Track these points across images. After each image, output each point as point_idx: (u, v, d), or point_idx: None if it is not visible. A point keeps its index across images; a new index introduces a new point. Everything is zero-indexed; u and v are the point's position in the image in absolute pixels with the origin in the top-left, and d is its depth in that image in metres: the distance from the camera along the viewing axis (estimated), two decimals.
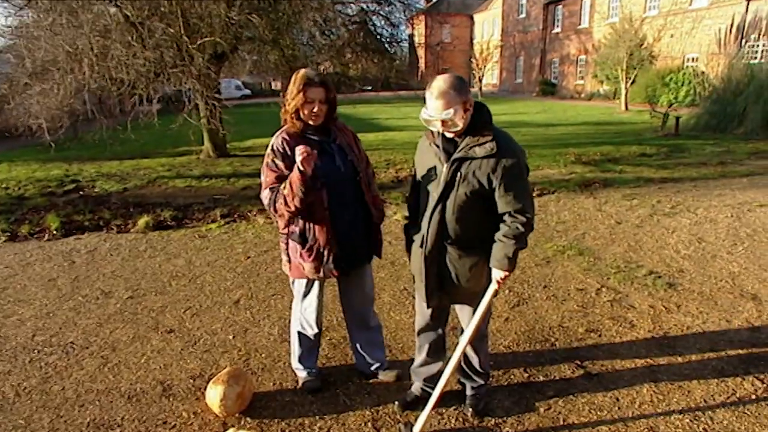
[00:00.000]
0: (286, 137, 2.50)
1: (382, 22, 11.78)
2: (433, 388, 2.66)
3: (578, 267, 4.63)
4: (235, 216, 6.63)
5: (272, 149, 2.51)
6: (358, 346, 3.00)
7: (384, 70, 13.02)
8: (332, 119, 2.60)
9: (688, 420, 2.58)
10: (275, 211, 2.49)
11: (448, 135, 2.29)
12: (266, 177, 2.52)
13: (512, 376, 2.99)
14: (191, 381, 3.05)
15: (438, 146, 2.30)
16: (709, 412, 2.64)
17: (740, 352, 3.20)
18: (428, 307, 2.53)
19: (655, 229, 5.62)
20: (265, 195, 2.51)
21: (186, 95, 7.38)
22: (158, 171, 10.00)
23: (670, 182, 7.91)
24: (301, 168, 2.33)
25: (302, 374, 2.96)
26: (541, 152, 11.00)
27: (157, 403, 2.85)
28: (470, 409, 2.65)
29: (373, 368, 2.99)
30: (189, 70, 6.77)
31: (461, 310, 2.57)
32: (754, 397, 2.76)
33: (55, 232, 6.08)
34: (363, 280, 2.84)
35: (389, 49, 13.03)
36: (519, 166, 2.23)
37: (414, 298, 3.76)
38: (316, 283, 2.73)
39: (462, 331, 2.61)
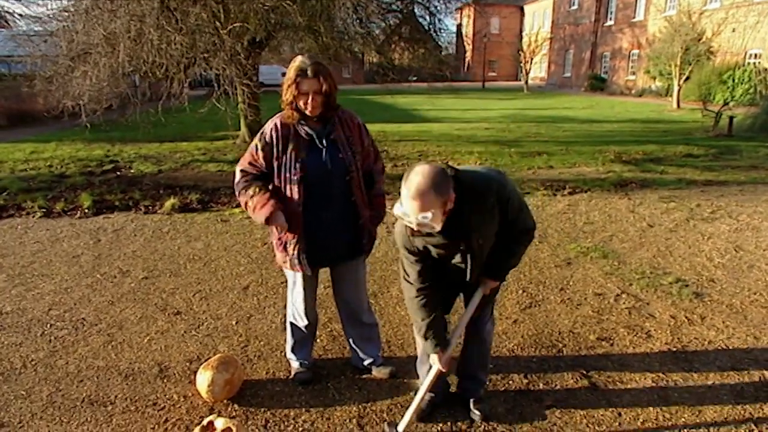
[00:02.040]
0: (278, 126, 2.44)
1: (421, 11, 11.58)
2: (437, 393, 2.60)
3: (600, 270, 4.42)
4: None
5: (261, 133, 2.47)
6: (351, 340, 2.96)
7: (425, 60, 12.81)
8: (332, 109, 2.47)
9: None
10: (238, 196, 2.56)
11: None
12: (244, 156, 2.54)
13: (511, 382, 2.87)
14: (187, 364, 3.06)
15: (437, 236, 2.08)
16: None
17: (765, 373, 2.96)
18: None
19: (689, 235, 5.30)
20: (237, 174, 2.55)
21: (216, 81, 7.47)
22: (194, 154, 10.22)
23: (714, 185, 7.46)
24: (266, 222, 2.46)
25: (295, 364, 2.93)
26: (580, 149, 10.62)
27: (151, 384, 2.88)
28: (479, 414, 2.54)
29: (366, 363, 2.93)
30: (221, 56, 6.84)
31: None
32: None
33: (86, 211, 6.28)
34: (353, 274, 2.77)
35: (434, 37, 12.79)
36: (512, 193, 2.12)
37: None
38: (299, 276, 2.67)
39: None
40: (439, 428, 2.51)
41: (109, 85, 7.18)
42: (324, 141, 2.46)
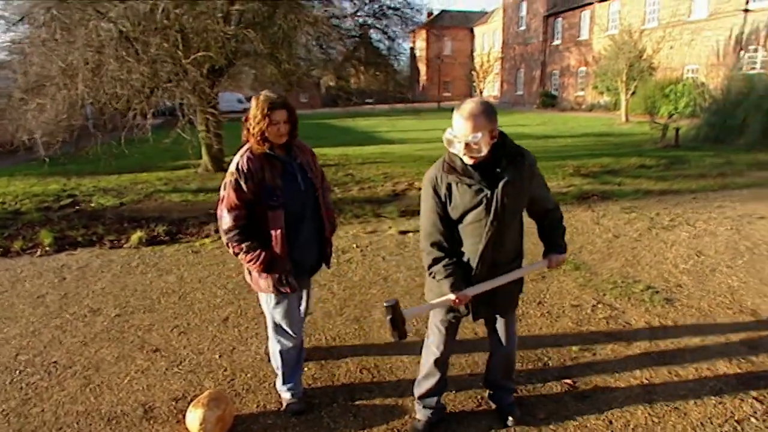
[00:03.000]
0: (251, 156, 2.58)
1: (380, 36, 11.81)
2: (435, 411, 2.66)
3: (574, 282, 4.55)
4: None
5: (237, 169, 2.55)
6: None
7: (383, 83, 13.03)
8: (294, 137, 2.69)
9: None
10: (227, 244, 2.63)
11: (469, 162, 2.21)
12: (228, 196, 2.57)
13: None
14: (173, 403, 2.97)
15: (472, 177, 2.23)
16: None
17: (739, 371, 3.11)
18: (475, 319, 2.52)
19: (653, 243, 5.54)
20: (226, 221, 2.58)
21: (180, 110, 7.35)
22: (155, 185, 9.98)
23: (669, 194, 7.83)
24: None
25: (286, 396, 2.89)
26: (540, 165, 10.85)
27: (137, 426, 2.77)
28: (511, 419, 2.65)
29: None
30: (184, 85, 6.75)
31: (496, 324, 2.59)
32: (753, 420, 2.67)
33: (48, 248, 6.02)
34: (311, 283, 3.02)
35: (390, 62, 13.05)
36: (539, 172, 2.42)
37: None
38: (284, 296, 2.72)
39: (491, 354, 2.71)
40: None
41: (68, 117, 6.96)
42: (293, 165, 2.68)
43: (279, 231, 2.58)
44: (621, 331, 3.64)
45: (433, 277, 2.37)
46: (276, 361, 2.89)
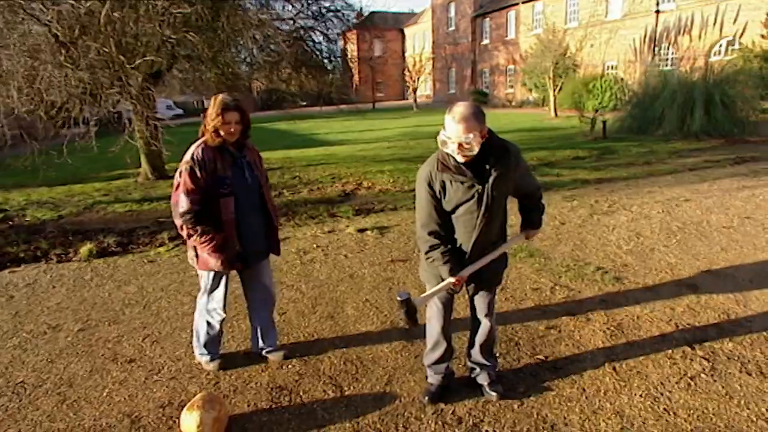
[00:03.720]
0: (205, 147, 2.89)
1: (320, 38, 11.85)
2: (445, 376, 2.92)
3: (531, 268, 4.84)
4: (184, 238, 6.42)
5: (192, 158, 2.86)
6: (258, 330, 3.39)
7: (321, 85, 13.06)
8: (246, 137, 3.02)
9: (649, 402, 2.77)
10: (181, 227, 2.93)
11: (462, 160, 2.41)
12: (185, 181, 2.83)
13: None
14: (161, 410, 2.94)
15: (465, 175, 2.45)
16: (667, 393, 2.84)
17: (686, 336, 3.46)
18: (468, 293, 2.84)
19: (596, 228, 5.96)
20: (183, 204, 2.83)
21: (126, 116, 7.06)
22: (94, 196, 9.54)
23: (604, 182, 8.40)
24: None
25: (205, 358, 3.29)
26: None
27: None
28: (495, 394, 2.85)
29: (265, 351, 3.40)
30: (127, 91, 6.51)
31: (480, 298, 2.83)
32: (703, 375, 3.00)
33: None
34: (269, 267, 3.34)
35: (328, 64, 13.12)
36: (524, 161, 2.65)
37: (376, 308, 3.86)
38: (224, 277, 3.13)
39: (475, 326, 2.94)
40: (452, 408, 2.68)
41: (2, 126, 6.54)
42: (242, 161, 3.03)
43: (230, 216, 2.92)
44: (580, 308, 3.94)
45: (432, 262, 2.58)
46: (199, 330, 3.27)
